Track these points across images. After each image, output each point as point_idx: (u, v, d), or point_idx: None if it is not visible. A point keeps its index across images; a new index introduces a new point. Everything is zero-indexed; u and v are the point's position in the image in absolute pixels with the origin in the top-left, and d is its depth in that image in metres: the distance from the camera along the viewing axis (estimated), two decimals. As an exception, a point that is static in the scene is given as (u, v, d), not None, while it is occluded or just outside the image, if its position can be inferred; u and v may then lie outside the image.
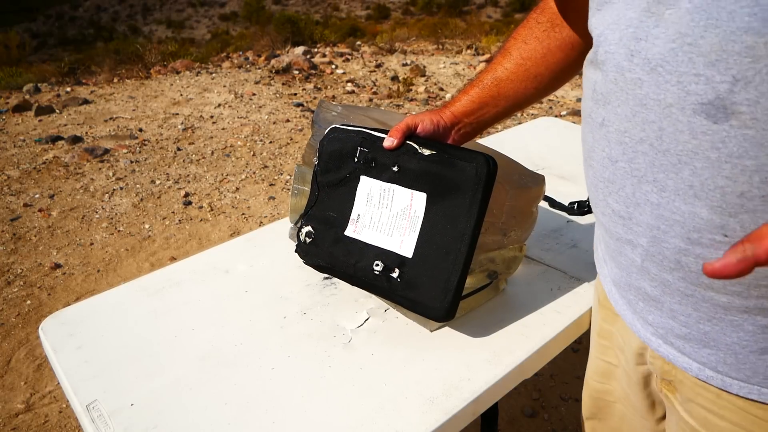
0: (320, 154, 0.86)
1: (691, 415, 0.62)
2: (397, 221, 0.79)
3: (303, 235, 0.85)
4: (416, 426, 0.67)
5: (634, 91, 0.52)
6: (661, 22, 0.49)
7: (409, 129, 0.79)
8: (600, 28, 0.57)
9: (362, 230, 0.81)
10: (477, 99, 0.81)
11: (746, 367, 0.55)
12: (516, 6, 36.56)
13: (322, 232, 0.84)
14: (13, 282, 2.43)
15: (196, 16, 48.87)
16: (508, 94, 0.81)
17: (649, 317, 0.62)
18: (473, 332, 0.82)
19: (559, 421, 1.70)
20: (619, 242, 0.61)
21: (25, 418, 1.75)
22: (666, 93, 0.49)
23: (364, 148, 0.82)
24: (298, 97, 4.94)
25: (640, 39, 0.51)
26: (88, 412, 0.70)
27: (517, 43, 0.81)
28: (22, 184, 3.33)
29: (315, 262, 0.85)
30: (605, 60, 0.56)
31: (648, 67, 0.50)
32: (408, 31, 10.41)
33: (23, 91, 5.28)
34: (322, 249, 0.84)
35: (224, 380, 0.74)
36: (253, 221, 2.96)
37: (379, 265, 0.78)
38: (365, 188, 0.82)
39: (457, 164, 0.75)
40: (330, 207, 0.84)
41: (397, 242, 0.78)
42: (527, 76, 0.79)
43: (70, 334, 0.83)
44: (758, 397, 0.55)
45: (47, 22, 46.74)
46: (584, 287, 0.91)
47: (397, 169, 0.79)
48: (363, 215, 0.81)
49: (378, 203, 0.81)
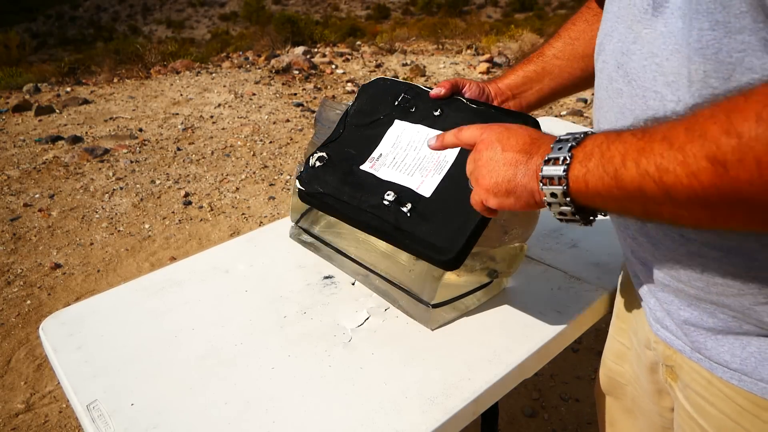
0: (359, 94, 0.84)
1: (688, 401, 0.63)
2: (423, 163, 0.76)
3: (314, 159, 0.81)
4: (416, 426, 0.67)
5: (616, 100, 0.57)
6: (639, 39, 0.53)
7: (457, 86, 0.80)
8: (600, 37, 0.62)
9: (380, 168, 0.78)
10: (522, 74, 0.83)
11: (725, 350, 0.56)
12: (516, 6, 36.53)
13: (335, 160, 0.80)
14: (13, 282, 2.43)
15: (196, 16, 48.86)
16: (553, 71, 0.82)
17: (651, 301, 0.66)
18: (473, 332, 0.82)
19: (559, 421, 1.70)
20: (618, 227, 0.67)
21: (25, 418, 1.75)
22: (635, 105, 0.54)
23: (408, 95, 0.81)
24: (298, 97, 4.93)
25: (624, 53, 0.55)
26: (88, 412, 0.70)
27: (566, 26, 0.83)
28: (22, 184, 3.33)
29: (315, 189, 0.80)
30: (602, 69, 0.60)
31: (627, 79, 0.55)
32: (408, 31, 10.40)
33: (23, 91, 5.28)
34: (329, 177, 0.79)
35: (224, 380, 0.74)
36: (253, 221, 2.96)
37: (391, 195, 0.73)
38: (396, 131, 0.80)
39: (502, 119, 0.73)
40: (351, 144, 0.81)
41: (416, 181, 0.74)
42: (574, 55, 0.81)
43: (70, 334, 0.83)
44: (739, 383, 0.56)
45: (47, 22, 46.73)
46: (584, 287, 0.91)
47: (438, 113, 0.77)
48: (386, 155, 0.78)
49: (406, 146, 0.78)
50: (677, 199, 0.43)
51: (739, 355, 0.55)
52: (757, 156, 0.37)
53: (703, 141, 0.40)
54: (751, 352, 0.54)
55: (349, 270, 0.94)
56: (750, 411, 0.56)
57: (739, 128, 0.38)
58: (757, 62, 0.43)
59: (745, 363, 0.55)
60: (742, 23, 0.43)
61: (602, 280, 0.92)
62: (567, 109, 4.57)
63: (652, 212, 0.46)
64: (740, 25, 0.43)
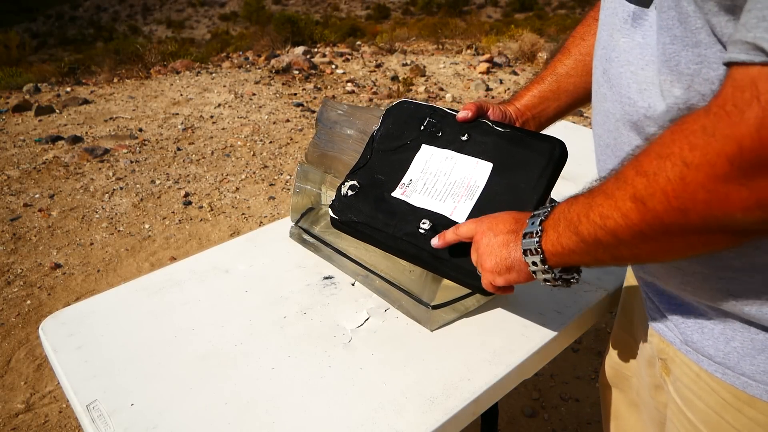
0: (384, 119, 0.84)
1: (678, 394, 0.64)
2: (454, 189, 0.76)
3: (346, 188, 0.81)
4: (416, 426, 0.67)
5: (602, 104, 0.61)
6: (617, 47, 0.57)
7: (482, 108, 0.82)
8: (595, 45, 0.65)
9: (411, 194, 0.78)
10: (538, 94, 0.85)
11: (710, 344, 0.58)
12: (516, 6, 36.54)
13: (366, 188, 0.80)
14: (13, 282, 2.43)
15: (196, 16, 48.87)
16: (568, 89, 0.84)
17: (647, 293, 0.68)
18: (473, 332, 0.82)
19: (559, 421, 1.70)
20: None
21: (25, 418, 1.75)
22: (615, 110, 0.58)
23: (433, 119, 0.81)
24: (298, 97, 4.93)
25: (607, 60, 0.59)
26: (88, 412, 0.70)
27: (575, 41, 0.85)
28: (22, 184, 3.33)
29: (348, 218, 0.80)
30: (594, 73, 0.65)
31: (609, 84, 0.59)
32: (408, 31, 10.41)
33: (23, 91, 5.28)
34: (362, 205, 0.79)
35: (224, 380, 0.74)
36: (253, 221, 2.96)
37: (426, 223, 0.74)
38: (424, 156, 0.79)
39: (529, 142, 0.74)
40: (380, 171, 0.81)
41: (449, 208, 0.75)
42: (586, 71, 0.82)
43: (70, 334, 0.83)
44: (723, 376, 0.57)
45: (47, 22, 46.74)
46: (584, 287, 0.91)
47: (466, 138, 0.77)
48: (416, 181, 0.78)
49: (435, 171, 0.78)
50: (624, 239, 0.48)
51: (723, 350, 0.57)
52: (662, 188, 0.43)
53: (625, 184, 0.47)
54: (734, 347, 0.56)
55: (349, 270, 0.94)
56: (733, 405, 0.57)
57: (645, 167, 0.45)
58: (713, 74, 0.47)
59: (728, 357, 0.56)
60: (698, 38, 0.47)
61: (602, 280, 0.92)
62: (567, 109, 4.56)
63: (617, 256, 0.52)
64: (696, 39, 0.47)
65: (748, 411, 0.56)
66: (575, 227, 0.53)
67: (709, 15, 0.45)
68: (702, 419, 0.61)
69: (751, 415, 0.55)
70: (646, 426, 0.78)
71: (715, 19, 0.44)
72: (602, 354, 0.85)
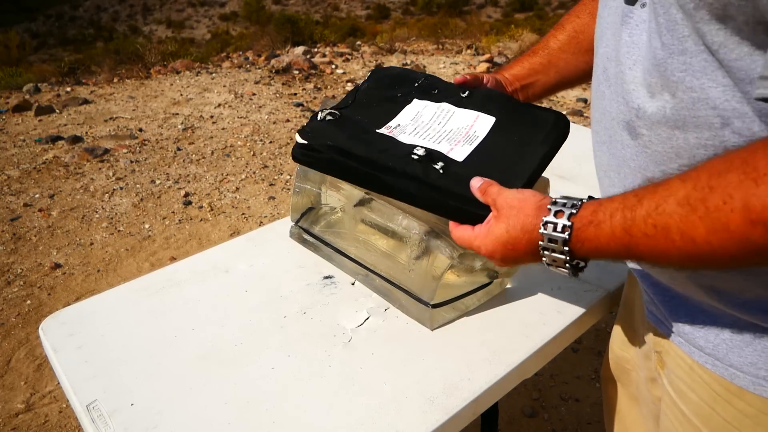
0: (373, 72, 0.79)
1: (672, 386, 0.65)
2: (450, 135, 0.69)
3: (323, 114, 0.70)
4: (416, 426, 0.67)
5: (600, 102, 0.62)
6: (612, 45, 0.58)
7: (478, 79, 0.81)
8: (594, 40, 0.66)
9: (399, 135, 0.69)
10: (528, 66, 0.84)
11: (700, 335, 0.59)
12: (516, 6, 36.53)
13: (347, 121, 0.70)
14: (13, 282, 2.43)
15: (196, 16, 48.87)
16: (558, 65, 0.84)
17: (644, 286, 0.69)
18: (473, 332, 0.82)
19: (559, 421, 1.70)
20: None
21: (25, 418, 1.75)
22: (611, 107, 0.59)
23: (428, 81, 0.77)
24: (298, 97, 4.93)
25: (608, 58, 0.60)
26: (88, 412, 0.70)
27: (570, 18, 0.84)
28: (22, 184, 3.33)
29: (321, 143, 0.68)
30: (595, 71, 0.65)
31: (608, 82, 0.59)
32: (408, 31, 10.41)
33: (23, 91, 5.27)
34: (339, 134, 0.68)
35: (224, 380, 0.74)
36: (253, 221, 2.96)
37: (420, 150, 0.65)
38: (416, 108, 0.72)
39: (534, 110, 0.72)
40: (363, 114, 0.72)
41: (445, 148, 0.67)
42: (579, 48, 0.82)
43: (70, 334, 0.83)
44: (713, 367, 0.58)
45: (47, 22, 46.73)
46: (584, 287, 0.91)
47: (466, 95, 0.73)
48: (405, 126, 0.70)
49: (429, 120, 0.71)
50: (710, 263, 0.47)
51: (713, 341, 0.58)
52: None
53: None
54: (723, 339, 0.57)
55: (349, 270, 0.94)
56: (723, 397, 0.57)
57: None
58: (696, 83, 0.47)
59: (717, 349, 0.57)
60: (684, 46, 0.47)
61: (602, 280, 0.92)
62: (567, 109, 4.57)
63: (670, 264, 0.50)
64: (683, 47, 0.47)
65: (737, 403, 0.56)
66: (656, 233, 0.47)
67: (700, 23, 0.45)
68: (694, 411, 0.61)
69: (740, 407, 0.56)
70: (646, 420, 0.78)
71: (706, 27, 0.45)
72: (602, 354, 0.85)
